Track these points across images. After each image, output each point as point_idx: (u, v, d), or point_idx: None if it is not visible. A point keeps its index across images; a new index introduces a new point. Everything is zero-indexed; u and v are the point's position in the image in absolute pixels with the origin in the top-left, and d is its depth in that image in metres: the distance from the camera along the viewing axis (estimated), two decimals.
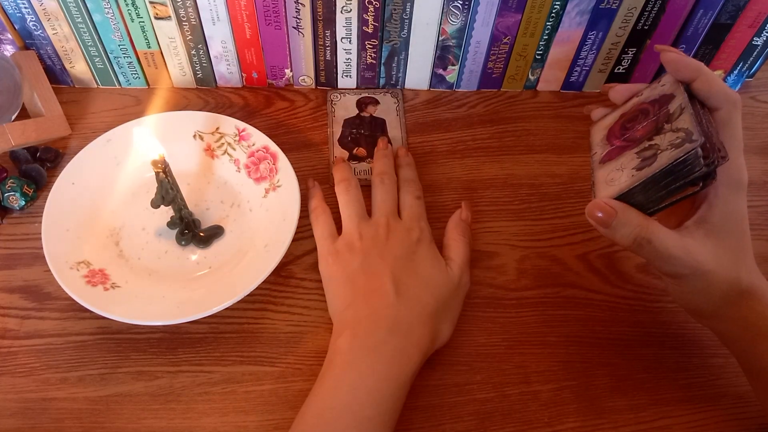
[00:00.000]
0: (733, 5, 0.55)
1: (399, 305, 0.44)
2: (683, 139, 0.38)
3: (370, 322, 0.43)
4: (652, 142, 0.40)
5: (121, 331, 0.47)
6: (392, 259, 0.46)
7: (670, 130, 0.40)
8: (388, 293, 0.44)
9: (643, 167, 0.39)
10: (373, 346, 0.42)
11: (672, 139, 0.39)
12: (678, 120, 0.40)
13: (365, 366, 0.41)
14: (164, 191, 0.48)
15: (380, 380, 0.40)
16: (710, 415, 0.45)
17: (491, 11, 0.55)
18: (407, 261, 0.46)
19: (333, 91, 0.63)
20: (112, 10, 0.55)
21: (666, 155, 0.38)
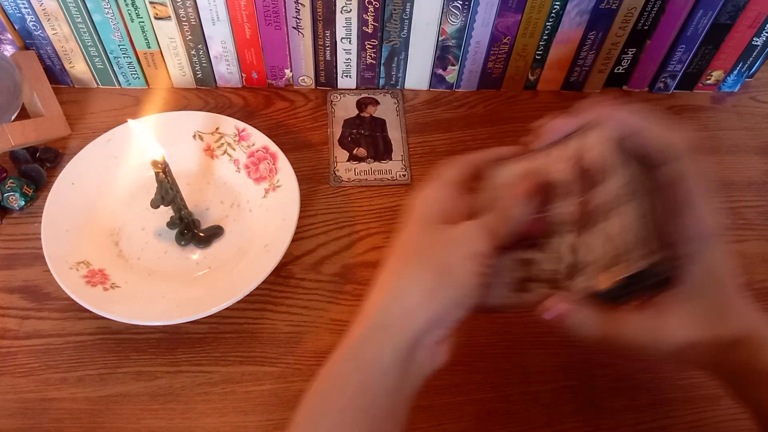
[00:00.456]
0: (732, 5, 0.55)
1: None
2: (553, 281, 0.34)
3: None
4: (527, 254, 0.35)
5: (120, 331, 0.47)
6: None
7: (548, 250, 0.35)
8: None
9: (520, 290, 0.36)
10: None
11: (545, 269, 0.35)
12: (559, 239, 0.34)
13: None
14: (164, 191, 0.48)
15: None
16: (710, 415, 0.45)
17: (491, 11, 0.55)
18: None
19: (333, 91, 0.63)
20: (111, 10, 0.55)
21: (537, 292, 0.35)
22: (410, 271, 0.34)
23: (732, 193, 0.57)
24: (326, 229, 0.53)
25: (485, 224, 0.35)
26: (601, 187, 0.34)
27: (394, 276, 0.34)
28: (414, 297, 0.33)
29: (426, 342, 0.33)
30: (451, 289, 0.33)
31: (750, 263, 0.53)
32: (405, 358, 0.32)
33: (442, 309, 0.33)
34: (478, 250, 0.34)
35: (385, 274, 0.34)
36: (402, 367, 0.32)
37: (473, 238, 0.34)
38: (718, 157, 0.60)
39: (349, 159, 0.58)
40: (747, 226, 0.55)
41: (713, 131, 0.62)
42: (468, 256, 0.33)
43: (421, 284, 0.33)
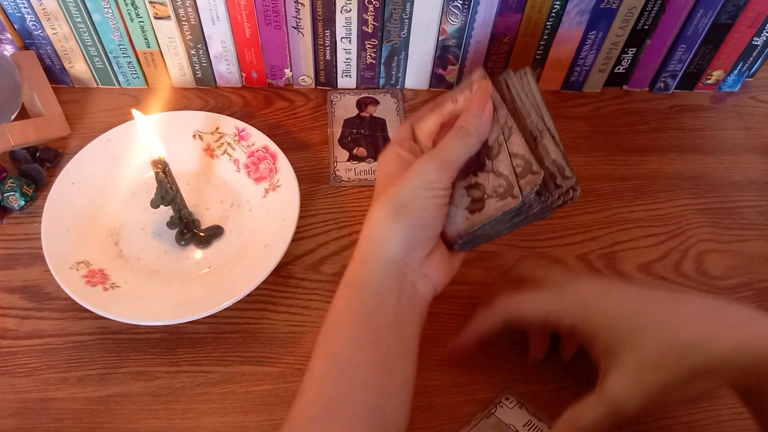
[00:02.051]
0: (733, 5, 0.55)
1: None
2: (505, 190, 0.39)
3: None
4: (478, 179, 0.41)
5: (120, 331, 0.47)
6: None
7: (491, 170, 0.40)
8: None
9: (475, 211, 0.40)
10: None
11: (495, 185, 0.39)
12: (497, 160, 0.40)
13: None
14: (164, 191, 0.48)
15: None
16: (710, 415, 0.45)
17: (491, 11, 0.55)
18: None
19: (333, 91, 0.63)
20: (111, 9, 0.55)
21: (492, 205, 0.39)
22: (376, 210, 0.39)
23: (732, 193, 0.57)
24: (326, 229, 0.53)
25: (433, 156, 0.40)
26: (498, 113, 0.41)
27: (368, 218, 0.39)
28: (381, 230, 0.38)
29: (411, 264, 0.39)
30: (411, 215, 0.38)
31: (750, 263, 0.53)
32: (395, 277, 0.38)
33: (408, 233, 0.38)
34: (429, 177, 0.39)
35: (368, 214, 0.40)
36: (395, 285, 0.38)
37: (424, 169, 0.39)
38: (718, 157, 0.60)
39: (350, 159, 0.58)
40: (747, 226, 0.55)
41: (713, 131, 0.62)
42: (421, 185, 0.38)
43: (385, 217, 0.38)
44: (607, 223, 0.55)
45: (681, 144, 0.61)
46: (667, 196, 0.57)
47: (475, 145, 0.40)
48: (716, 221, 0.55)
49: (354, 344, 0.37)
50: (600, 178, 0.58)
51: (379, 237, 0.38)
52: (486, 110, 0.40)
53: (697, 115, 0.63)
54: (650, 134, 0.61)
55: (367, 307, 0.37)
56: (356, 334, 0.37)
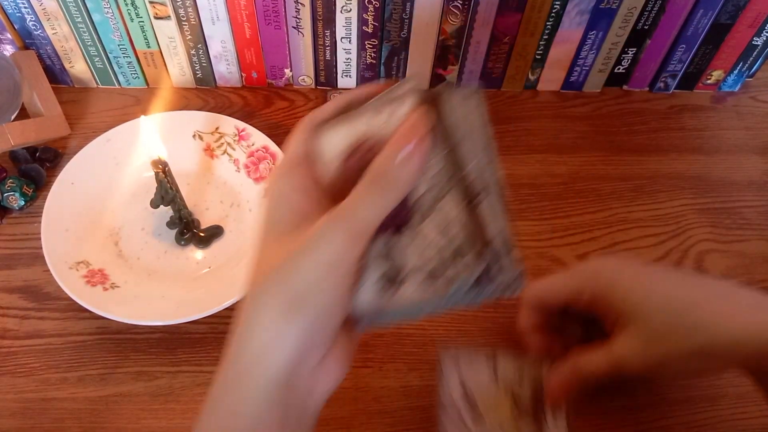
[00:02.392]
0: (733, 5, 0.55)
1: None
2: (435, 268, 0.28)
3: None
4: (399, 241, 0.29)
5: (120, 332, 0.47)
6: None
7: (420, 232, 0.29)
8: None
9: (392, 286, 0.29)
10: None
11: (422, 256, 0.29)
12: (429, 219, 0.28)
13: None
14: (164, 191, 0.48)
15: None
16: (710, 415, 0.45)
17: (491, 11, 0.55)
18: None
19: (333, 91, 0.63)
20: (111, 9, 0.55)
21: (416, 284, 0.28)
22: (257, 301, 0.27)
23: (732, 193, 0.57)
24: None
25: (338, 222, 0.27)
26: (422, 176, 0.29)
27: (243, 312, 0.27)
28: (264, 334, 0.26)
29: (303, 374, 0.27)
30: (310, 311, 0.26)
31: (750, 263, 0.53)
32: (277, 402, 0.27)
33: (304, 336, 0.26)
34: (336, 254, 0.26)
35: (242, 303, 0.28)
36: (277, 415, 0.27)
37: (327, 239, 0.26)
38: (718, 157, 0.60)
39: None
40: (747, 226, 0.55)
41: (713, 131, 0.62)
42: (324, 265, 0.26)
43: (270, 318, 0.26)
44: (607, 223, 0.55)
45: (681, 144, 0.61)
46: (667, 196, 0.57)
47: (398, 200, 0.28)
48: (716, 221, 0.55)
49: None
50: (600, 178, 0.58)
51: (257, 346, 0.26)
52: (418, 155, 0.27)
53: (697, 115, 0.63)
54: (650, 134, 0.61)
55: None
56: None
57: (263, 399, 0.26)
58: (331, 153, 0.30)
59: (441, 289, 0.28)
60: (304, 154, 0.30)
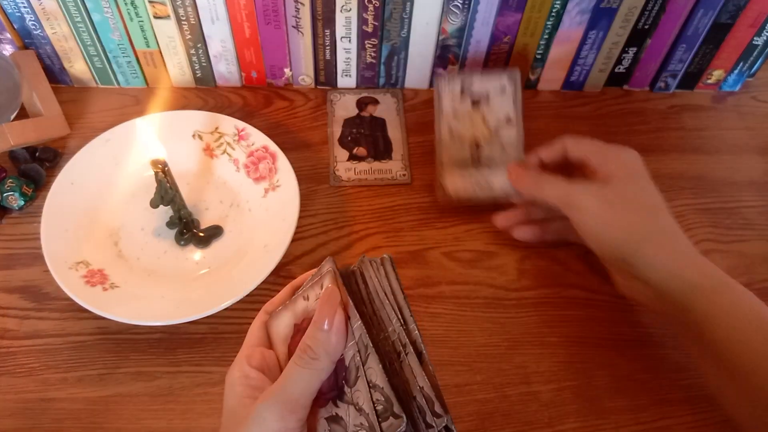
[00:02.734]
0: (733, 5, 0.55)
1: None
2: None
3: None
4: (338, 411, 0.32)
5: (120, 332, 0.47)
6: None
7: (351, 402, 0.32)
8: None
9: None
10: None
11: (356, 423, 0.31)
12: (355, 389, 0.31)
13: None
14: (163, 191, 0.48)
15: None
16: (710, 415, 0.45)
17: (491, 11, 0.55)
18: None
19: (333, 90, 0.63)
20: (111, 9, 0.55)
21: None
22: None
23: (732, 193, 0.57)
24: (326, 229, 0.53)
25: (274, 396, 0.30)
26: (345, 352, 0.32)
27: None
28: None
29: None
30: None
31: (750, 263, 0.53)
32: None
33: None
34: (271, 428, 0.29)
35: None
36: None
37: (265, 418, 0.29)
38: (718, 157, 0.60)
39: (349, 158, 0.58)
40: (747, 226, 0.55)
41: (714, 131, 0.62)
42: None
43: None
44: None
45: (681, 144, 0.61)
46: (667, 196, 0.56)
47: (325, 370, 0.31)
48: (717, 221, 0.55)
49: None
50: None
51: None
52: (335, 324, 0.31)
53: (698, 114, 0.63)
54: (650, 134, 0.61)
55: None
56: None
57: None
58: (279, 335, 0.35)
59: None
60: (254, 343, 0.34)
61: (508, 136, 0.53)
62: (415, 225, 0.54)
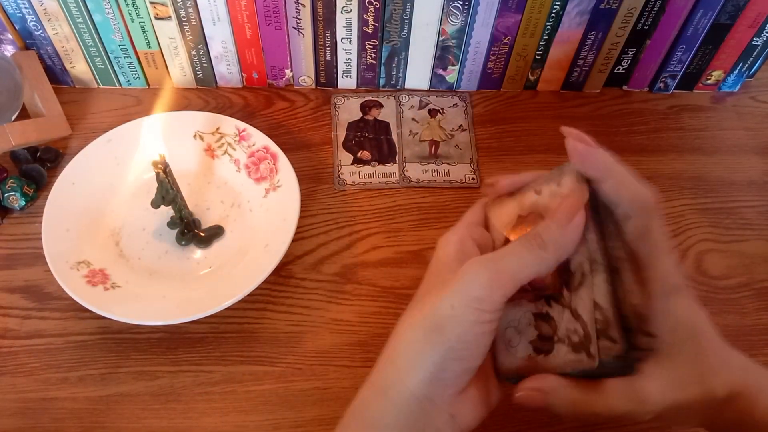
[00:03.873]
0: (732, 5, 0.56)
1: None
2: (581, 341, 0.30)
3: None
4: (550, 310, 0.32)
5: (121, 331, 0.47)
6: None
7: (569, 306, 0.31)
8: None
9: (541, 352, 0.32)
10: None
11: (570, 328, 0.31)
12: (577, 295, 0.31)
13: None
14: (164, 191, 0.48)
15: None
16: None
17: (491, 11, 0.55)
18: None
19: (336, 94, 0.63)
20: (112, 10, 0.55)
21: (562, 354, 0.31)
22: (404, 328, 0.31)
23: (732, 193, 0.57)
24: (326, 229, 0.53)
25: (487, 263, 0.30)
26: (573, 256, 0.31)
27: (396, 333, 0.31)
28: (408, 355, 0.30)
29: (438, 402, 0.30)
30: (444, 341, 0.29)
31: (750, 263, 0.53)
32: (415, 418, 0.30)
33: (439, 365, 0.29)
34: (476, 294, 0.29)
35: (394, 331, 0.32)
36: (416, 418, 0.30)
37: (472, 280, 0.29)
38: (718, 157, 0.60)
39: (354, 162, 0.58)
40: (747, 226, 0.55)
41: (713, 131, 0.62)
42: (463, 303, 0.29)
43: (412, 341, 0.30)
44: None
45: (681, 144, 0.61)
46: (666, 196, 0.57)
47: (549, 263, 0.30)
48: (716, 221, 0.55)
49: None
50: None
51: (402, 363, 0.30)
52: (575, 222, 0.30)
53: (697, 115, 0.63)
54: (650, 134, 0.61)
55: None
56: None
57: (403, 411, 0.29)
58: (500, 221, 0.35)
59: (585, 362, 0.30)
60: (474, 219, 0.35)
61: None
62: (415, 225, 0.54)
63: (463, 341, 0.29)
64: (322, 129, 0.60)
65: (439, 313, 0.29)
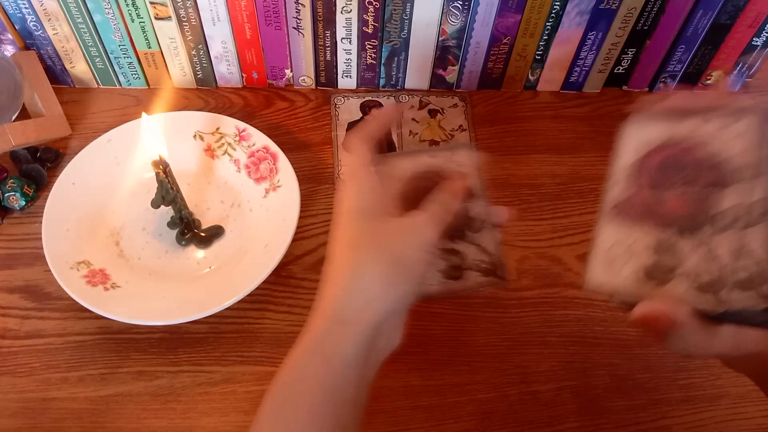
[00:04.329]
0: (732, 5, 0.55)
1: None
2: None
3: None
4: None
5: (121, 331, 0.47)
6: None
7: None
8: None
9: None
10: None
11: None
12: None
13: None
14: (164, 191, 0.48)
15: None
16: (710, 415, 0.45)
17: (491, 11, 0.55)
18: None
19: (336, 94, 0.63)
20: (112, 10, 0.55)
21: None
22: (366, 263, 0.34)
23: None
24: (326, 229, 0.53)
25: (434, 215, 0.36)
26: (734, 188, 0.29)
27: (349, 269, 0.34)
28: (372, 289, 0.33)
29: (383, 329, 0.34)
30: (407, 280, 0.34)
31: None
32: (367, 348, 0.33)
33: (399, 299, 0.34)
34: (430, 240, 0.35)
35: (336, 266, 0.35)
36: (364, 356, 0.33)
37: (426, 229, 0.35)
38: None
39: None
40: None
41: None
42: (422, 247, 0.35)
43: (378, 276, 0.33)
44: None
45: None
46: None
47: (452, 216, 0.37)
48: None
49: (314, 426, 0.32)
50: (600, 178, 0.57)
51: (367, 296, 0.33)
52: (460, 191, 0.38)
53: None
54: None
55: (335, 381, 0.33)
56: (318, 413, 0.32)
57: (362, 341, 0.32)
58: (400, 173, 0.40)
59: (710, 304, 0.29)
60: (371, 161, 0.38)
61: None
62: None
63: (419, 277, 0.35)
64: (322, 129, 0.60)
65: (406, 254, 0.34)
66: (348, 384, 0.33)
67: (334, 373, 0.33)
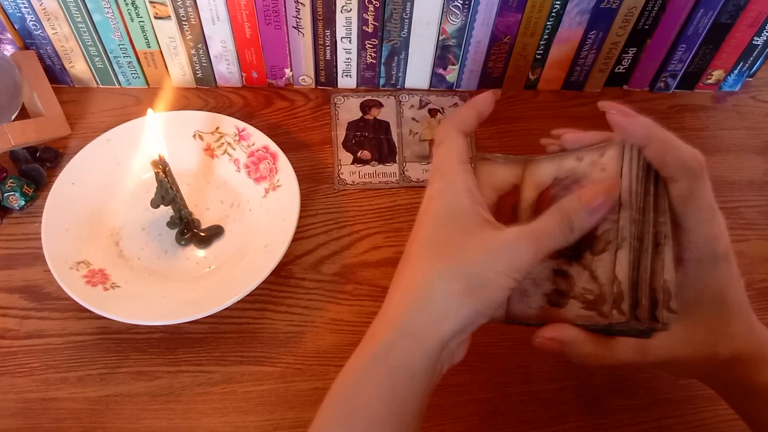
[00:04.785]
0: (733, 5, 0.55)
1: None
2: (595, 300, 0.33)
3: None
4: (569, 269, 0.34)
5: (120, 331, 0.47)
6: None
7: (588, 268, 0.34)
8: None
9: (554, 305, 0.35)
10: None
11: (586, 287, 0.33)
12: (598, 260, 0.33)
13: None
14: (164, 191, 0.48)
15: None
16: (710, 415, 0.45)
17: (491, 11, 0.55)
18: None
19: (336, 93, 0.63)
20: (111, 9, 0.55)
21: (575, 309, 0.34)
22: (441, 277, 0.32)
23: (732, 193, 0.57)
24: (326, 229, 0.53)
25: (534, 235, 0.32)
26: (616, 213, 0.33)
27: (423, 279, 0.32)
28: (443, 306, 0.31)
29: (450, 345, 0.32)
30: (481, 302, 0.32)
31: (750, 263, 0.53)
32: (432, 363, 0.32)
33: (470, 319, 0.32)
34: (519, 265, 0.32)
35: (409, 272, 0.33)
36: (430, 371, 0.32)
37: (518, 251, 0.32)
38: (718, 157, 0.60)
39: (354, 162, 0.58)
40: (747, 226, 0.55)
41: (714, 131, 0.62)
42: (506, 271, 0.31)
43: (452, 294, 0.31)
44: None
45: None
46: None
47: (571, 241, 0.33)
48: None
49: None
50: None
51: (438, 312, 0.32)
52: (598, 210, 0.33)
53: (698, 115, 0.63)
54: None
55: (399, 395, 0.32)
56: (379, 423, 0.32)
57: (429, 357, 0.32)
58: (535, 181, 0.37)
59: (595, 319, 0.33)
60: (468, 159, 0.36)
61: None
62: None
63: (496, 301, 0.32)
64: (321, 129, 0.60)
65: (482, 274, 0.31)
66: (412, 398, 0.32)
67: (398, 386, 0.32)
